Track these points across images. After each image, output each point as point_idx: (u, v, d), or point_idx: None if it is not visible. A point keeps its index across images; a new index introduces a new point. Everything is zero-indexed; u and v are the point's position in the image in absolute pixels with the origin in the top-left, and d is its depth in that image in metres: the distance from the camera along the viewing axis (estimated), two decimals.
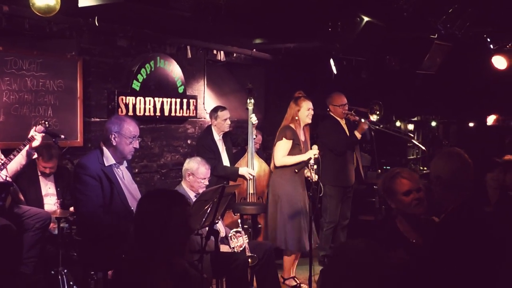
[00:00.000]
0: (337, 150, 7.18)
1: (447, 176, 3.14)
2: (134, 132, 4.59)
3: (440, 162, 3.22)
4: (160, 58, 7.77)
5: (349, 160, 7.34)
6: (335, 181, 7.25)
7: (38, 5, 4.36)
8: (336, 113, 7.36)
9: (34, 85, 6.34)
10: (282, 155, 6.48)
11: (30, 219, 5.43)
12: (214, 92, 9.21)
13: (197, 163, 5.59)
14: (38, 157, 5.86)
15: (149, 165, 7.86)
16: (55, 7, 4.34)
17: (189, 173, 5.54)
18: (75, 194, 4.52)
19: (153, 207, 2.69)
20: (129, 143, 4.57)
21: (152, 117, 7.69)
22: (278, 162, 6.52)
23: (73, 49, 6.76)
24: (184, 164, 5.70)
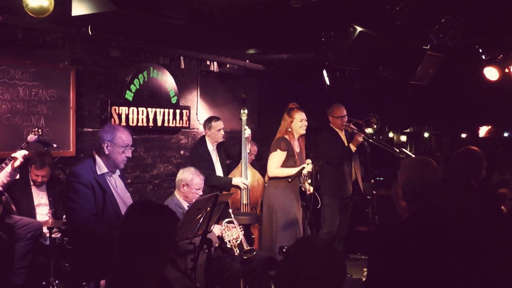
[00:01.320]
0: (332, 161, 7.18)
1: (402, 186, 3.12)
2: (127, 141, 4.56)
3: (401, 171, 3.19)
4: (154, 68, 7.76)
5: (346, 172, 7.34)
6: (333, 192, 7.25)
7: (32, 6, 4.34)
8: (335, 125, 7.37)
9: (27, 95, 6.32)
10: (275, 166, 6.47)
11: (22, 229, 5.40)
12: (207, 102, 9.21)
13: (191, 174, 5.56)
14: (31, 165, 5.84)
15: (142, 175, 7.83)
16: (49, 8, 4.32)
17: (183, 184, 5.51)
18: (68, 202, 4.48)
19: (143, 219, 2.65)
20: (122, 152, 4.54)
21: (145, 128, 7.68)
22: (271, 173, 6.53)
23: (66, 59, 6.75)
24: (178, 175, 5.67)
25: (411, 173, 3.10)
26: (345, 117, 7.32)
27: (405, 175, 3.11)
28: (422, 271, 2.83)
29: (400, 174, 3.14)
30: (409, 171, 3.11)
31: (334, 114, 7.34)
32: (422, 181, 3.06)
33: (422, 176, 3.07)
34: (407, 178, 3.10)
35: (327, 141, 7.29)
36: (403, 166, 3.20)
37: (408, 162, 3.25)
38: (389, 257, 2.90)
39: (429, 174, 3.08)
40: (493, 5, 5.65)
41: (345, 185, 7.29)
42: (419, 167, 3.11)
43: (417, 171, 3.09)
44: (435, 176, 3.09)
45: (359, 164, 7.74)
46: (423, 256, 2.83)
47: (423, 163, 3.14)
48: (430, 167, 3.11)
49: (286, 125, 6.61)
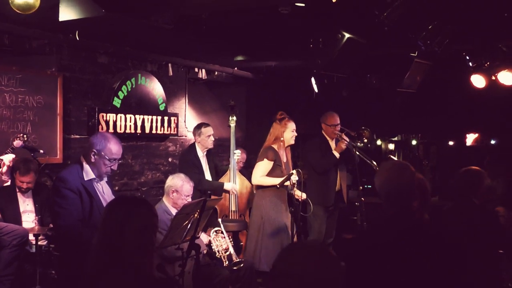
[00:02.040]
0: (318, 169, 7.16)
1: (378, 189, 3.12)
2: (115, 155, 4.49)
3: (378, 174, 3.20)
4: (141, 75, 7.74)
5: (331, 180, 7.31)
6: (317, 200, 7.21)
7: (17, 2, 4.29)
8: (327, 133, 7.34)
9: (13, 101, 6.27)
10: (260, 175, 6.43)
11: (7, 236, 5.34)
12: (195, 110, 9.19)
13: (181, 180, 5.52)
14: (15, 172, 5.78)
15: (130, 182, 7.78)
16: (35, 4, 4.27)
17: (173, 190, 5.47)
18: (54, 207, 4.43)
19: (115, 210, 2.69)
20: (107, 165, 4.48)
21: (133, 135, 7.64)
22: (255, 181, 6.49)
23: (53, 65, 6.71)
24: (167, 181, 5.62)
25: (387, 176, 3.11)
26: (338, 125, 7.29)
27: (381, 178, 3.12)
28: (394, 276, 2.81)
29: (377, 177, 3.15)
30: (386, 174, 3.12)
31: (328, 122, 7.31)
32: (398, 184, 3.07)
33: (398, 180, 3.07)
34: (383, 181, 3.10)
35: (316, 149, 7.26)
36: (381, 169, 3.23)
37: (386, 166, 3.25)
38: (363, 264, 2.89)
39: (405, 178, 3.08)
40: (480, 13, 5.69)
41: (327, 193, 7.26)
42: (395, 171, 3.12)
43: (393, 174, 3.10)
44: (411, 180, 3.10)
45: (346, 172, 7.72)
46: (395, 260, 2.82)
47: (400, 167, 3.15)
48: (407, 172, 3.11)
49: (277, 134, 6.54)
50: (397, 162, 3.31)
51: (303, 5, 5.05)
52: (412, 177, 3.10)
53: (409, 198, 3.05)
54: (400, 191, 3.04)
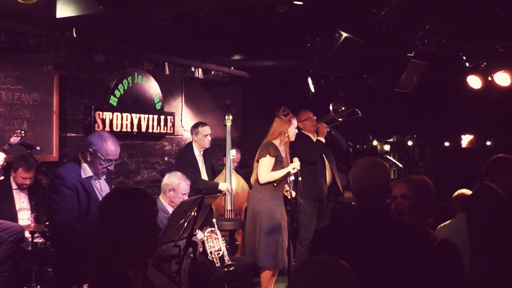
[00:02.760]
0: (309, 159, 7.14)
1: (351, 184, 3.13)
2: (112, 156, 4.47)
3: (351, 169, 3.21)
4: (138, 74, 7.74)
5: (320, 174, 7.32)
6: (307, 195, 7.20)
7: None
8: (306, 129, 7.34)
9: (10, 99, 6.25)
10: (266, 171, 6.42)
11: (3, 233, 5.32)
12: (191, 109, 9.19)
13: (178, 179, 5.50)
14: (17, 169, 5.77)
15: (126, 181, 7.77)
16: None
17: (169, 188, 5.45)
18: (51, 204, 4.42)
19: (117, 203, 2.51)
20: (103, 165, 4.47)
21: (129, 133, 7.63)
22: (263, 179, 6.44)
23: (50, 63, 6.70)
24: (164, 179, 5.61)
25: (358, 172, 3.11)
26: (313, 117, 7.34)
27: (353, 173, 3.12)
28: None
29: (350, 173, 3.15)
30: (357, 170, 3.12)
31: (302, 118, 7.33)
32: (368, 182, 3.07)
33: (368, 177, 3.07)
34: (354, 176, 3.10)
35: (300, 143, 7.25)
36: (354, 164, 3.22)
37: (358, 162, 3.24)
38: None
39: (376, 175, 3.08)
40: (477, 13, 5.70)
41: (319, 187, 7.25)
42: (367, 167, 3.12)
43: (364, 171, 3.10)
44: (383, 178, 3.09)
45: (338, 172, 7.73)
46: (353, 256, 2.81)
47: (372, 164, 3.14)
48: (379, 169, 3.11)
49: (282, 129, 6.53)
50: (371, 159, 3.27)
51: (301, 3, 5.06)
52: (383, 175, 3.10)
53: (379, 196, 3.05)
54: (370, 189, 3.04)
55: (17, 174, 5.80)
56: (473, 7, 5.48)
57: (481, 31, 6.37)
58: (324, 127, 7.24)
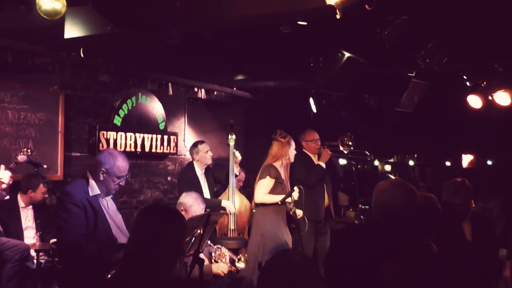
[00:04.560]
0: (308, 181, 7.17)
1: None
2: (124, 172, 4.54)
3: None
4: (142, 94, 7.81)
5: (319, 195, 7.35)
6: (305, 216, 7.23)
7: (45, 8, 4.33)
8: (309, 149, 7.39)
9: (16, 118, 6.31)
10: (263, 193, 6.47)
11: (9, 251, 5.35)
12: (194, 129, 9.24)
13: (193, 200, 5.46)
14: (36, 188, 5.83)
15: (129, 201, 7.79)
16: (61, 11, 4.32)
17: (182, 208, 5.46)
18: (58, 221, 4.44)
19: (152, 218, 2.75)
20: (116, 182, 4.53)
21: (133, 153, 7.67)
22: (258, 200, 6.51)
23: (56, 83, 6.77)
24: (180, 197, 5.60)
25: (378, 198, 3.21)
26: (318, 140, 7.38)
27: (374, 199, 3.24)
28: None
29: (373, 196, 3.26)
30: (377, 196, 3.22)
31: (307, 138, 7.39)
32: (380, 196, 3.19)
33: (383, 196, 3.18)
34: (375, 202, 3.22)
35: (301, 164, 7.30)
36: (376, 189, 3.32)
37: (381, 187, 3.33)
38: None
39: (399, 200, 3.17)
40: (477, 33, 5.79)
41: (318, 208, 7.29)
42: (388, 192, 3.22)
43: (385, 196, 3.20)
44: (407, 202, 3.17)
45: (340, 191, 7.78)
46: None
47: (395, 188, 3.25)
48: (401, 192, 3.21)
49: (282, 152, 6.60)
50: (393, 182, 3.36)
51: (305, 23, 5.14)
52: (407, 198, 3.17)
53: (380, 215, 3.15)
54: (388, 214, 3.14)
55: (38, 191, 5.85)
56: (473, 27, 5.57)
57: (481, 50, 6.45)
58: (327, 153, 7.26)
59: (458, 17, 5.20)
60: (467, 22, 5.41)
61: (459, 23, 5.41)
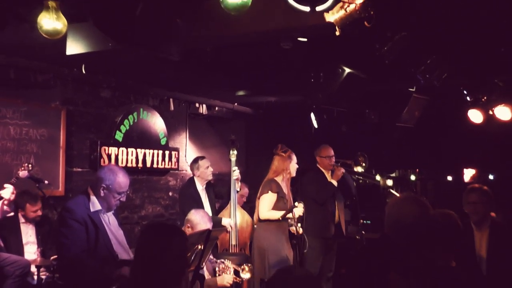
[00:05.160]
0: (319, 199, 7.19)
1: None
2: (124, 188, 4.54)
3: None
4: (144, 109, 7.84)
5: (330, 212, 7.35)
6: (315, 232, 7.22)
7: (46, 28, 4.37)
8: (322, 165, 7.40)
9: (17, 133, 6.34)
10: (267, 209, 6.48)
11: (10, 267, 5.35)
12: (195, 145, 9.26)
13: (200, 218, 5.39)
14: (24, 207, 5.82)
15: (130, 216, 7.80)
16: (62, 30, 4.37)
17: (188, 225, 5.45)
18: (59, 237, 4.44)
19: (155, 234, 2.84)
20: (116, 198, 4.53)
21: (134, 168, 7.69)
22: (263, 216, 6.51)
23: (57, 99, 6.81)
24: (188, 214, 5.56)
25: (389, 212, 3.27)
26: (332, 157, 7.38)
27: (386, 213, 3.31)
28: None
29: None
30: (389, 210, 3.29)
31: (322, 154, 7.40)
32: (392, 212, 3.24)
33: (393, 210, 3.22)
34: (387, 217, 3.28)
35: (313, 181, 7.32)
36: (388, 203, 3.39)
37: (392, 201, 3.41)
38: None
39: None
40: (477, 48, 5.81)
41: (328, 225, 7.29)
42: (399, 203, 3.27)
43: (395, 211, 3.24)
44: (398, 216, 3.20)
45: (343, 206, 7.76)
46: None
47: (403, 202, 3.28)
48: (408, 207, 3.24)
49: (283, 167, 6.62)
50: (404, 196, 3.41)
51: (305, 40, 5.17)
52: (418, 213, 3.19)
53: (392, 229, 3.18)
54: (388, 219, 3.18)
55: (27, 211, 5.85)
56: (473, 43, 5.59)
57: (481, 65, 6.47)
58: (340, 171, 7.26)
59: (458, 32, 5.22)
60: (466, 37, 5.43)
61: (459, 39, 5.43)
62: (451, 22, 4.89)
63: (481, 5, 4.22)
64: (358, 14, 3.80)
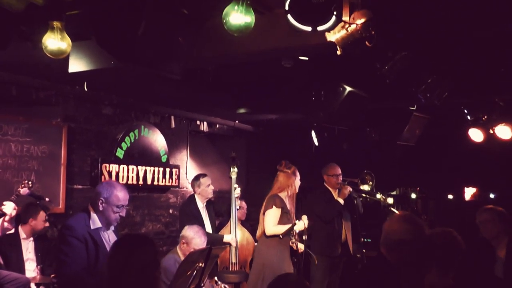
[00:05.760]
0: (325, 217, 7.18)
1: None
2: (123, 201, 4.53)
3: None
4: (145, 127, 7.85)
5: (337, 230, 7.33)
6: (322, 251, 7.21)
7: (51, 48, 4.41)
8: (329, 183, 7.39)
9: (19, 150, 6.35)
10: (273, 223, 6.47)
11: (9, 284, 5.32)
12: (196, 162, 9.27)
13: (194, 233, 5.47)
14: (37, 216, 5.81)
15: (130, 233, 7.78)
16: (66, 50, 4.41)
17: (183, 241, 5.47)
18: (59, 255, 4.43)
19: (119, 248, 2.91)
20: (115, 212, 4.52)
21: (135, 186, 7.69)
22: (270, 231, 6.48)
23: (59, 116, 6.83)
24: (182, 230, 5.62)
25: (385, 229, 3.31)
26: (339, 175, 7.37)
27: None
28: None
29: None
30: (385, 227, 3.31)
31: (329, 173, 7.39)
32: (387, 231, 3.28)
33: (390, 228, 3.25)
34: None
35: (320, 199, 7.31)
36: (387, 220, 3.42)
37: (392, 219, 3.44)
38: None
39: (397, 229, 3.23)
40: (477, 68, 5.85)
41: (334, 243, 7.27)
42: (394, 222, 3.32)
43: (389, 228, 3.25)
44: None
45: (350, 225, 7.73)
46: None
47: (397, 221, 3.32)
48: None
49: (287, 183, 6.63)
50: (399, 216, 3.43)
51: (306, 58, 5.20)
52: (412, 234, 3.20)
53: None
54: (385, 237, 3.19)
55: (39, 220, 5.84)
56: (473, 62, 5.62)
57: (481, 85, 6.50)
58: (347, 189, 7.26)
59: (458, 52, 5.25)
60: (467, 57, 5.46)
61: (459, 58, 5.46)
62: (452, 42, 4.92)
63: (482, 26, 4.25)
64: (359, 34, 3.82)
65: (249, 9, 3.87)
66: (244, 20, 3.88)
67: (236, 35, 3.90)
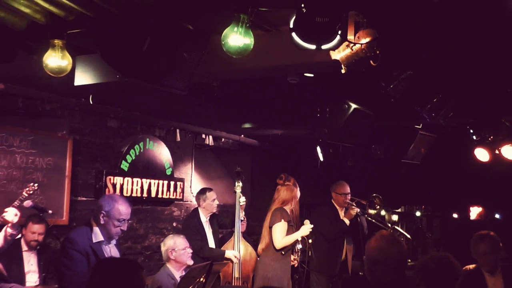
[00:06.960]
0: (328, 236, 7.16)
1: None
2: (124, 215, 4.53)
3: None
4: (150, 140, 7.87)
5: (338, 250, 7.31)
6: (320, 268, 7.19)
7: (51, 66, 4.46)
8: (337, 201, 7.36)
9: (24, 162, 6.36)
10: (282, 236, 6.50)
11: None
12: (201, 176, 9.27)
13: (171, 238, 5.73)
14: (27, 225, 5.79)
15: (133, 246, 7.77)
16: (67, 68, 4.45)
17: (170, 251, 5.59)
18: (61, 268, 4.43)
19: (105, 276, 2.77)
20: (116, 226, 4.52)
21: (139, 198, 7.69)
22: (280, 244, 6.50)
23: (64, 128, 6.84)
24: (162, 248, 5.77)
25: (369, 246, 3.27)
26: (348, 194, 7.33)
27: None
28: None
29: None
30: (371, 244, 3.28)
31: (338, 191, 7.35)
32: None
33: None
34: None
35: (326, 217, 7.29)
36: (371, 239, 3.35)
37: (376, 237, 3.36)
38: None
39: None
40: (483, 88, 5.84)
41: (333, 262, 7.24)
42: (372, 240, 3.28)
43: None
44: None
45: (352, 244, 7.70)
46: None
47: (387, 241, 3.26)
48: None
49: (292, 195, 6.66)
50: (378, 233, 3.38)
51: (311, 75, 5.21)
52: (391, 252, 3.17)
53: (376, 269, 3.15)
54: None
55: (28, 230, 5.80)
56: (479, 83, 5.62)
57: (487, 105, 6.50)
58: (354, 210, 7.23)
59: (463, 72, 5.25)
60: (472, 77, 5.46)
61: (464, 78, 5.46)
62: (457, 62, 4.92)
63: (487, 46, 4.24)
64: (364, 53, 3.83)
65: (248, 31, 3.88)
66: (243, 41, 3.89)
67: (235, 57, 3.92)
